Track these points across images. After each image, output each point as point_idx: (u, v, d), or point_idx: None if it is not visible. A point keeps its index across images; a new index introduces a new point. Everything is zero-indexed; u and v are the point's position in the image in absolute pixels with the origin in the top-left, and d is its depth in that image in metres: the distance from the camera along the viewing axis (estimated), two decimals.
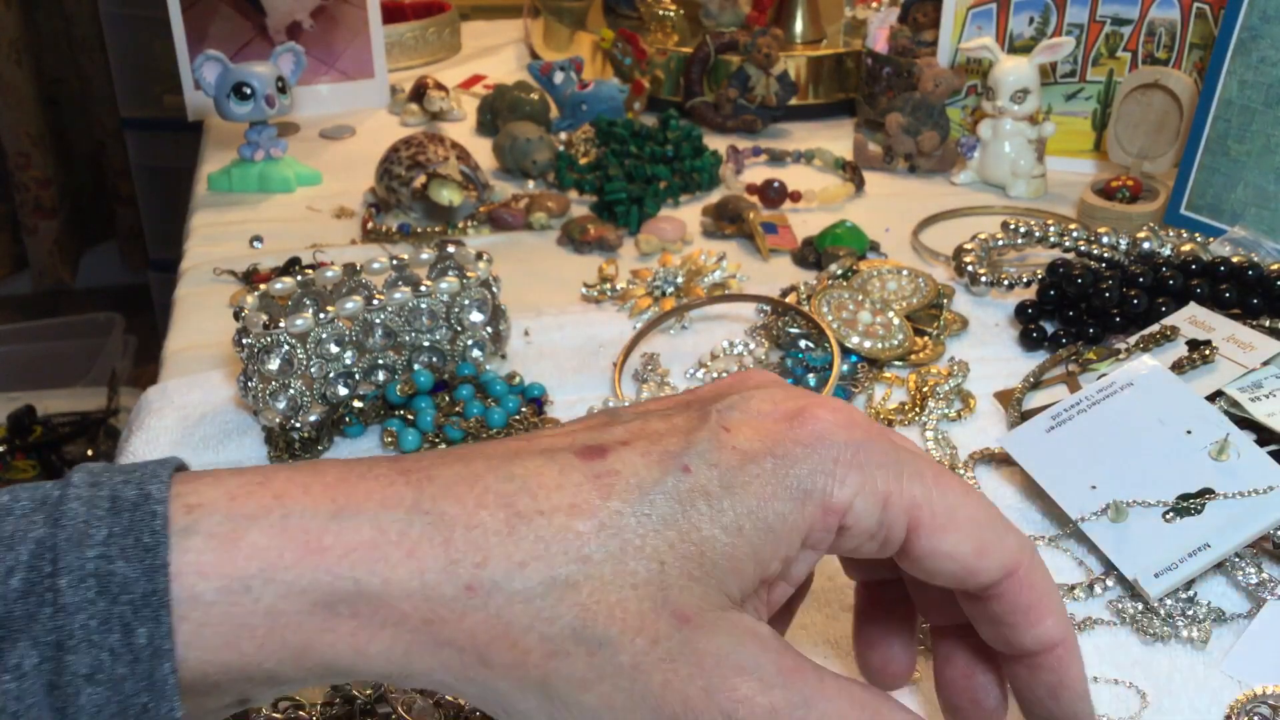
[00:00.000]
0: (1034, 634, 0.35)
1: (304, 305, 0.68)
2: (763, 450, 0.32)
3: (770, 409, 0.33)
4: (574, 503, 0.31)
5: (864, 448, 0.33)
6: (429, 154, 0.95)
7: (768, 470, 0.32)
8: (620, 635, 0.30)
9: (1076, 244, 0.81)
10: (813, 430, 0.33)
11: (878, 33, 1.15)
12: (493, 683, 0.31)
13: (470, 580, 0.30)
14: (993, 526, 0.34)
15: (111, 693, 0.28)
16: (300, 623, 0.30)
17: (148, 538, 0.29)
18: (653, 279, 0.82)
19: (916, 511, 0.33)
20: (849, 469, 0.32)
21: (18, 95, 2.51)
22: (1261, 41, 0.82)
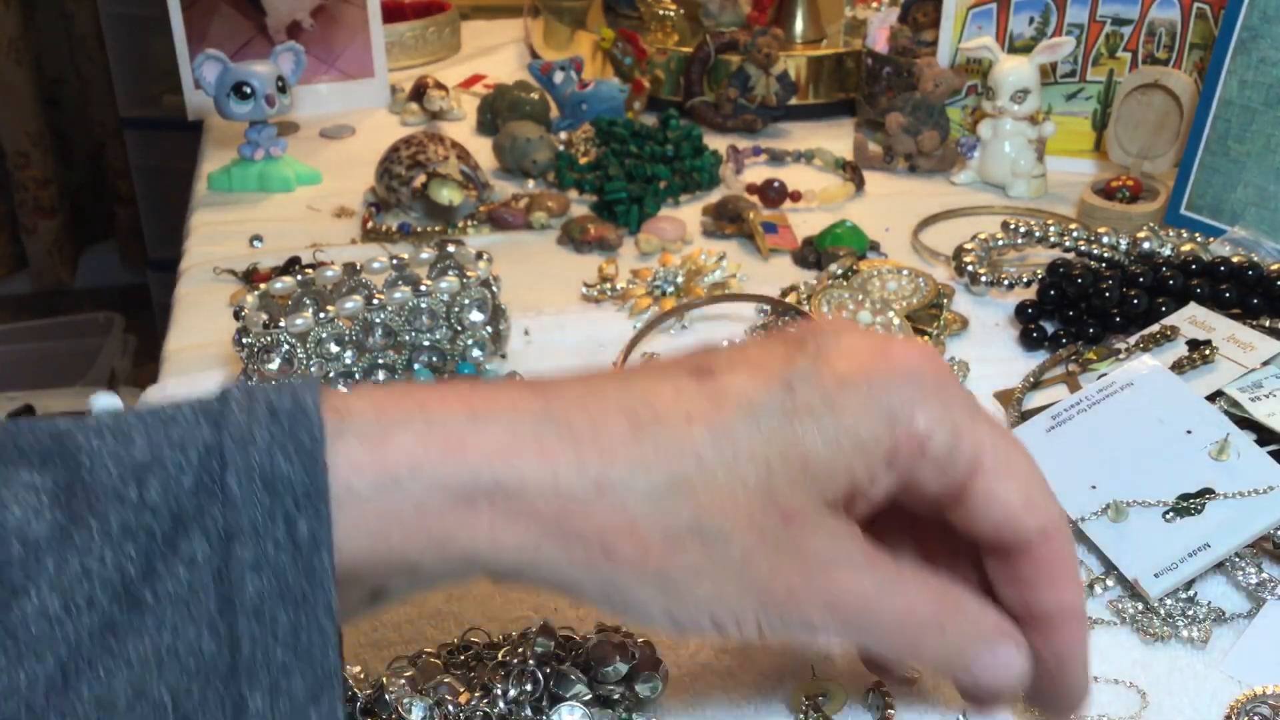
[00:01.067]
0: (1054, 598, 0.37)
1: (304, 305, 0.68)
2: (859, 376, 0.35)
3: (863, 343, 0.36)
4: (690, 413, 0.34)
5: (946, 386, 0.36)
6: (429, 153, 0.95)
7: (864, 393, 0.35)
8: (732, 529, 0.34)
9: (1076, 244, 0.81)
10: (904, 362, 0.36)
11: (878, 33, 1.15)
12: (614, 574, 0.34)
13: (598, 478, 0.33)
14: (1041, 487, 0.37)
15: (274, 581, 0.30)
16: (443, 514, 0.32)
17: (306, 440, 0.31)
18: (653, 279, 0.82)
19: (981, 452, 0.36)
20: (933, 400, 0.35)
21: (17, 95, 2.51)
22: (1261, 41, 0.82)
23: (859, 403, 0.35)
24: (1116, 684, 0.49)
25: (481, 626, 0.50)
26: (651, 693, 0.46)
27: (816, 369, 0.35)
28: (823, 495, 0.35)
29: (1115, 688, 0.49)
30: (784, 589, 0.34)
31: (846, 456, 0.35)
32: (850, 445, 0.35)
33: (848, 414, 0.35)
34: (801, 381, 0.35)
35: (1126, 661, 0.51)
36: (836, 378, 0.35)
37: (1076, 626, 0.38)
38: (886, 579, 0.36)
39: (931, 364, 0.36)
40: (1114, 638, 0.52)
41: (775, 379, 0.35)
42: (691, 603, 0.34)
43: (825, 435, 0.34)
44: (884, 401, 0.35)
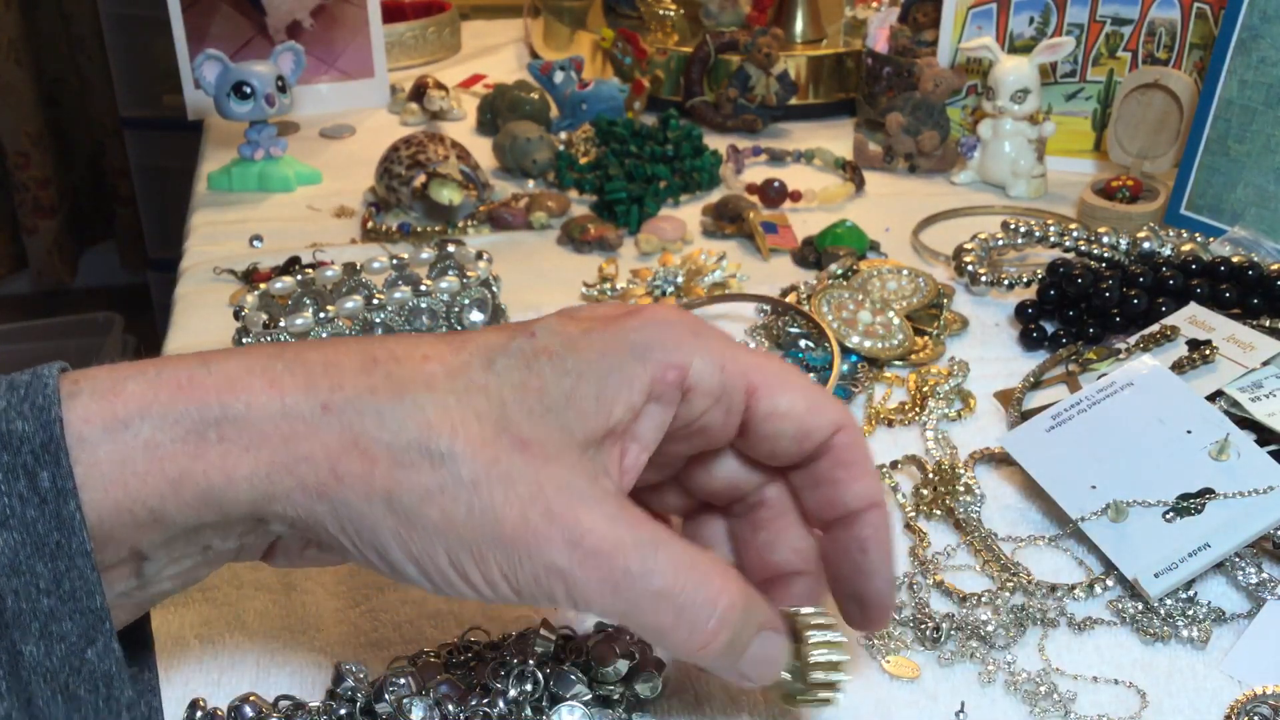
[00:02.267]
0: (857, 489, 0.39)
1: (304, 305, 0.68)
2: (602, 323, 0.36)
3: (606, 311, 0.37)
4: (426, 354, 0.35)
5: (696, 327, 0.37)
6: (429, 153, 0.95)
7: (608, 335, 0.36)
8: (462, 450, 0.34)
9: (1076, 244, 0.81)
10: (648, 314, 0.37)
11: (878, 32, 1.15)
12: (344, 497, 0.34)
13: (326, 401, 0.34)
14: (819, 390, 0.39)
15: (25, 534, 0.31)
16: (175, 451, 0.33)
17: (41, 401, 0.33)
18: (653, 279, 0.82)
19: (750, 375, 0.37)
20: (684, 336, 0.36)
21: (17, 95, 2.51)
22: (1261, 41, 0.82)
23: (603, 341, 0.36)
24: (1116, 684, 0.49)
25: (481, 626, 0.50)
26: (651, 693, 0.46)
27: (560, 321, 0.37)
28: (566, 428, 0.35)
29: (1115, 688, 0.49)
30: (519, 521, 0.34)
31: (591, 386, 0.35)
32: (594, 375, 0.35)
33: (591, 351, 0.35)
34: (543, 330, 0.36)
35: (1126, 661, 0.51)
36: (580, 325, 0.36)
37: (879, 516, 0.40)
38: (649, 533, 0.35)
39: (676, 313, 0.37)
40: (1114, 638, 0.52)
41: (518, 331, 0.36)
42: (422, 530, 0.34)
43: (564, 369, 0.35)
44: (633, 339, 0.36)
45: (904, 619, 0.53)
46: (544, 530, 0.33)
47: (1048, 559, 0.57)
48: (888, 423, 0.68)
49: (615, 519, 0.34)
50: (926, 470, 0.62)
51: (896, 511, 0.61)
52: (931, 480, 0.61)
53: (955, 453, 0.65)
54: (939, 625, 0.51)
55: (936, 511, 0.60)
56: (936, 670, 0.50)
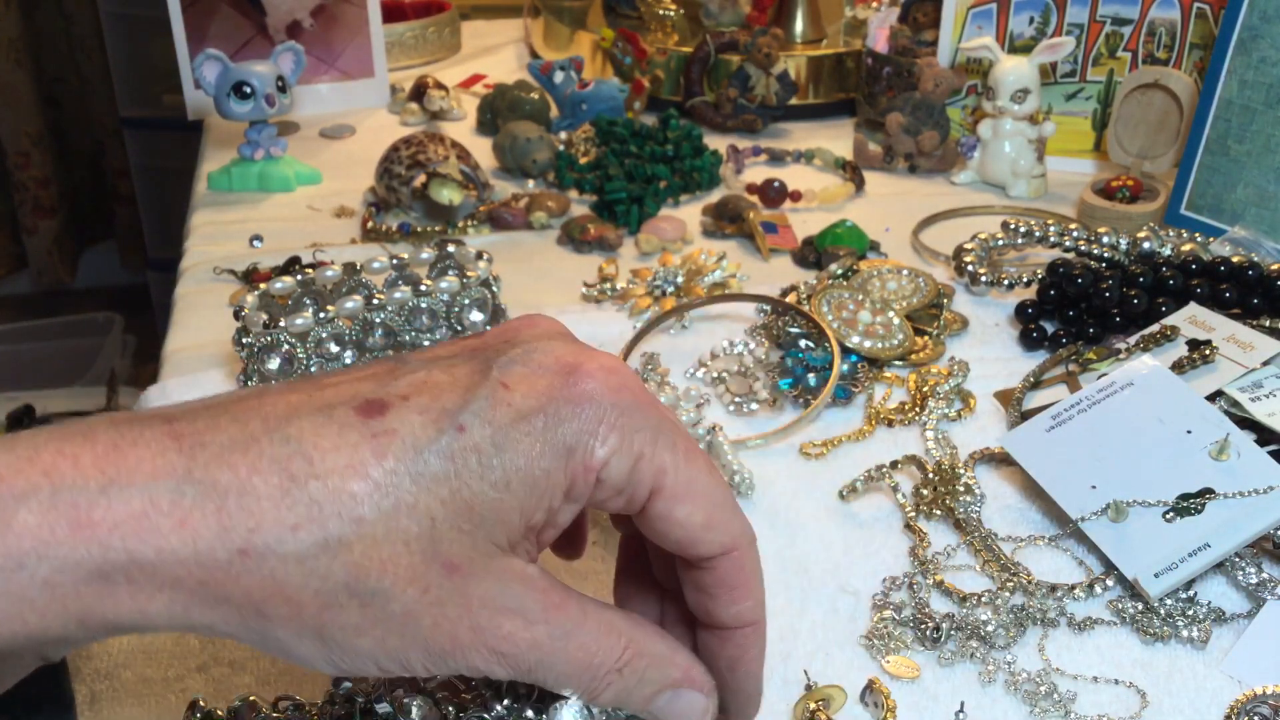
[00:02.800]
0: (733, 610, 0.38)
1: (304, 305, 0.68)
2: (535, 408, 0.34)
3: (550, 363, 0.35)
4: (350, 464, 0.32)
5: (628, 411, 0.35)
6: (429, 153, 0.95)
7: (538, 429, 0.34)
8: (392, 586, 0.33)
9: (1076, 244, 0.81)
10: (584, 390, 0.35)
11: (878, 32, 1.15)
12: (271, 631, 0.33)
13: (243, 545, 0.31)
14: (724, 507, 0.37)
15: None
16: (78, 593, 0.31)
17: None
18: (653, 279, 0.82)
19: (661, 477, 0.36)
20: (611, 430, 0.35)
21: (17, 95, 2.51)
22: (1261, 41, 0.82)
23: (532, 439, 0.34)
24: (1116, 684, 0.49)
25: None
26: None
27: (493, 401, 0.34)
28: (493, 540, 0.34)
29: (1115, 688, 0.49)
30: (447, 640, 0.34)
31: (517, 498, 0.34)
32: (521, 486, 0.34)
33: (520, 454, 0.34)
34: (473, 418, 0.34)
35: (1126, 661, 0.51)
36: (512, 413, 0.34)
37: (753, 638, 0.39)
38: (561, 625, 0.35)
39: (616, 386, 0.35)
40: (1114, 638, 0.52)
41: (446, 416, 0.33)
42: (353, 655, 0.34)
43: (494, 479, 0.33)
44: (560, 436, 0.34)
45: (904, 619, 0.53)
46: (469, 642, 0.34)
47: (1048, 559, 0.57)
48: (888, 423, 0.68)
49: (533, 620, 0.35)
50: (926, 470, 0.62)
51: (896, 512, 0.61)
52: (931, 480, 0.61)
53: (955, 453, 0.65)
54: (939, 625, 0.51)
55: (936, 511, 0.60)
56: (936, 670, 0.50)
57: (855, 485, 0.61)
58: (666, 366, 0.73)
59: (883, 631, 0.52)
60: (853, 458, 0.65)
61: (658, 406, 0.37)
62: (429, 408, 0.34)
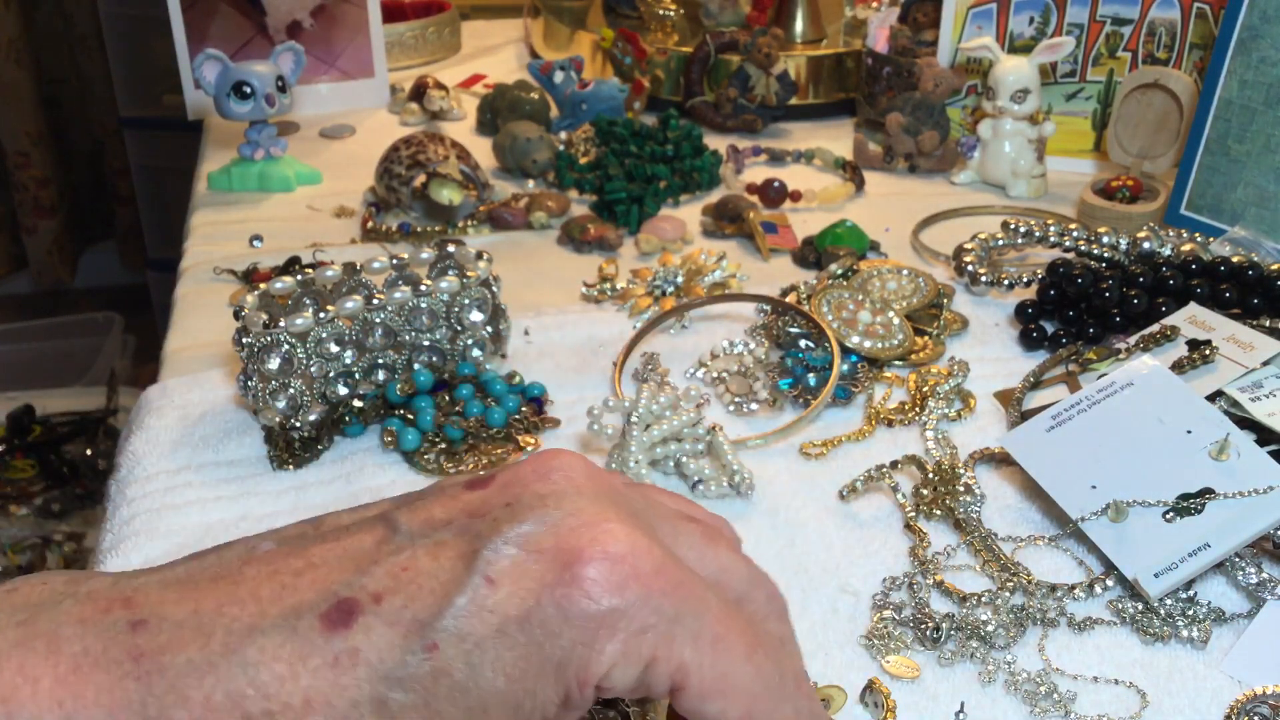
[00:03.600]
0: None
1: (304, 304, 0.68)
2: (520, 615, 0.30)
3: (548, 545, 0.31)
4: (308, 699, 0.30)
5: (632, 611, 0.31)
6: (429, 153, 0.95)
7: (522, 644, 0.30)
8: None
9: (1076, 244, 0.81)
10: (579, 591, 0.30)
11: (878, 32, 1.15)
12: None
13: None
14: (770, 696, 0.33)
15: None
16: None
17: None
18: (653, 279, 0.82)
19: (683, 676, 0.32)
20: (611, 637, 0.31)
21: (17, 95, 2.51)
22: (1261, 41, 0.82)
23: (515, 657, 0.30)
24: (1116, 684, 0.49)
25: None
26: None
27: (473, 606, 0.30)
28: None
29: (1115, 688, 0.49)
30: None
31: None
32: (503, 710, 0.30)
33: (499, 674, 0.30)
34: (447, 634, 0.30)
35: (1126, 661, 0.51)
36: (494, 622, 0.30)
37: None
38: None
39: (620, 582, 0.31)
40: (1114, 638, 0.52)
41: (418, 631, 0.30)
42: None
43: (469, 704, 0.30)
44: (549, 652, 0.30)
45: (904, 619, 0.53)
46: None
47: (1048, 559, 0.57)
48: (888, 423, 0.68)
49: None
50: (926, 470, 0.62)
51: (896, 512, 0.61)
52: (931, 480, 0.61)
53: (955, 453, 0.65)
54: (939, 625, 0.51)
55: (936, 511, 0.60)
56: (936, 670, 0.50)
57: (855, 485, 0.61)
58: (666, 366, 0.73)
59: (883, 631, 0.52)
60: (853, 458, 0.65)
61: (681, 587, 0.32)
62: (399, 617, 0.30)
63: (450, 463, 0.65)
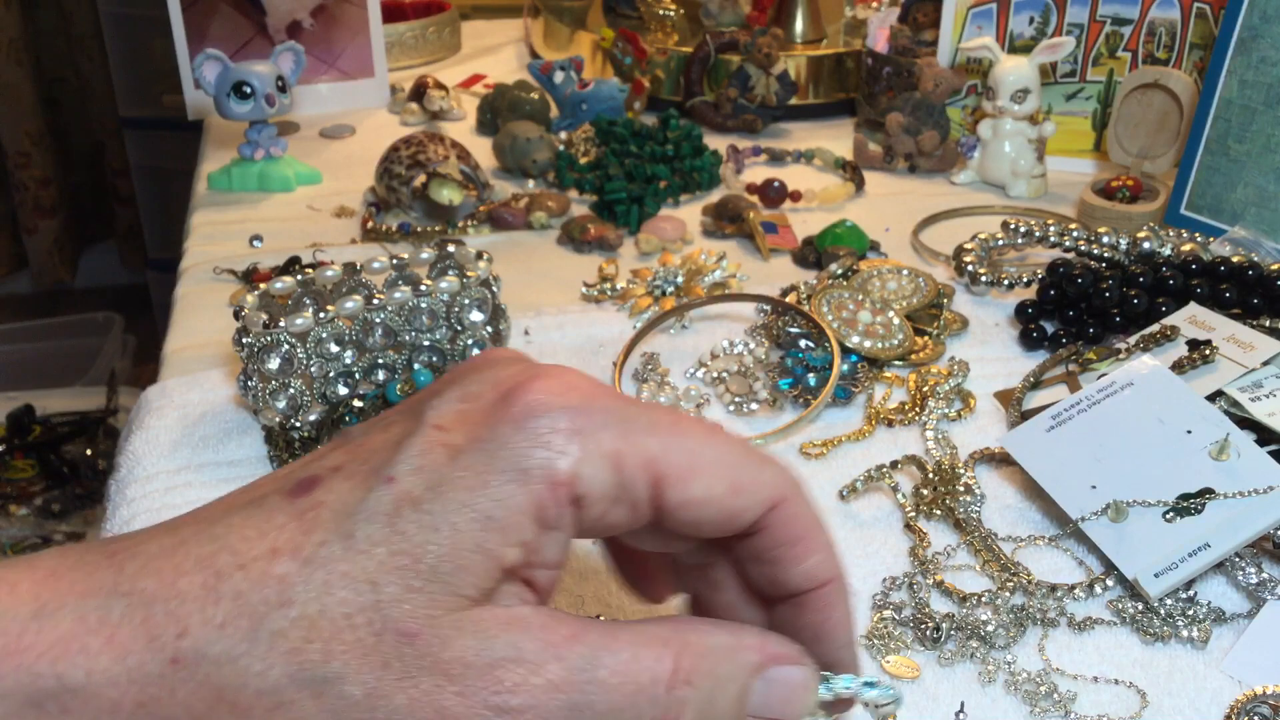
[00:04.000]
0: (801, 569, 0.34)
1: (304, 304, 0.68)
2: (471, 440, 0.30)
3: (486, 391, 0.32)
4: (274, 547, 0.30)
5: (583, 412, 0.31)
6: (429, 153, 0.95)
7: (478, 460, 0.30)
8: (344, 669, 0.29)
9: (1076, 244, 0.81)
10: (523, 406, 0.31)
11: (878, 32, 1.15)
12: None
13: (173, 653, 0.29)
14: (745, 462, 0.33)
15: None
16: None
17: None
18: (653, 279, 0.82)
19: (655, 465, 0.31)
20: (568, 437, 0.30)
21: (17, 95, 2.51)
22: (1261, 41, 0.82)
23: (473, 472, 0.30)
24: (1116, 684, 0.49)
25: None
26: None
27: (425, 446, 0.30)
28: (455, 592, 0.30)
29: (1115, 688, 0.49)
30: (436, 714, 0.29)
31: (471, 538, 0.30)
32: (471, 524, 0.30)
33: (460, 488, 0.30)
34: (404, 467, 0.30)
35: (1126, 661, 0.51)
36: (447, 450, 0.30)
37: (831, 595, 0.34)
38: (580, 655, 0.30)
39: (559, 393, 0.31)
40: (1114, 638, 0.52)
41: (374, 475, 0.30)
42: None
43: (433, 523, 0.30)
44: (502, 459, 0.30)
45: (904, 619, 0.53)
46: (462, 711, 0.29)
47: (1048, 559, 0.57)
48: (888, 423, 0.68)
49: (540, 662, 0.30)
50: (926, 470, 0.62)
51: (896, 511, 0.61)
52: (931, 480, 0.61)
53: (955, 453, 0.65)
54: (939, 625, 0.51)
55: (936, 511, 0.60)
56: (936, 670, 0.50)
57: (855, 485, 0.61)
58: (666, 366, 0.73)
59: (883, 631, 0.52)
60: (853, 458, 0.65)
61: (620, 398, 0.32)
62: (357, 471, 0.31)
63: None
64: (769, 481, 0.33)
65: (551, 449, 0.30)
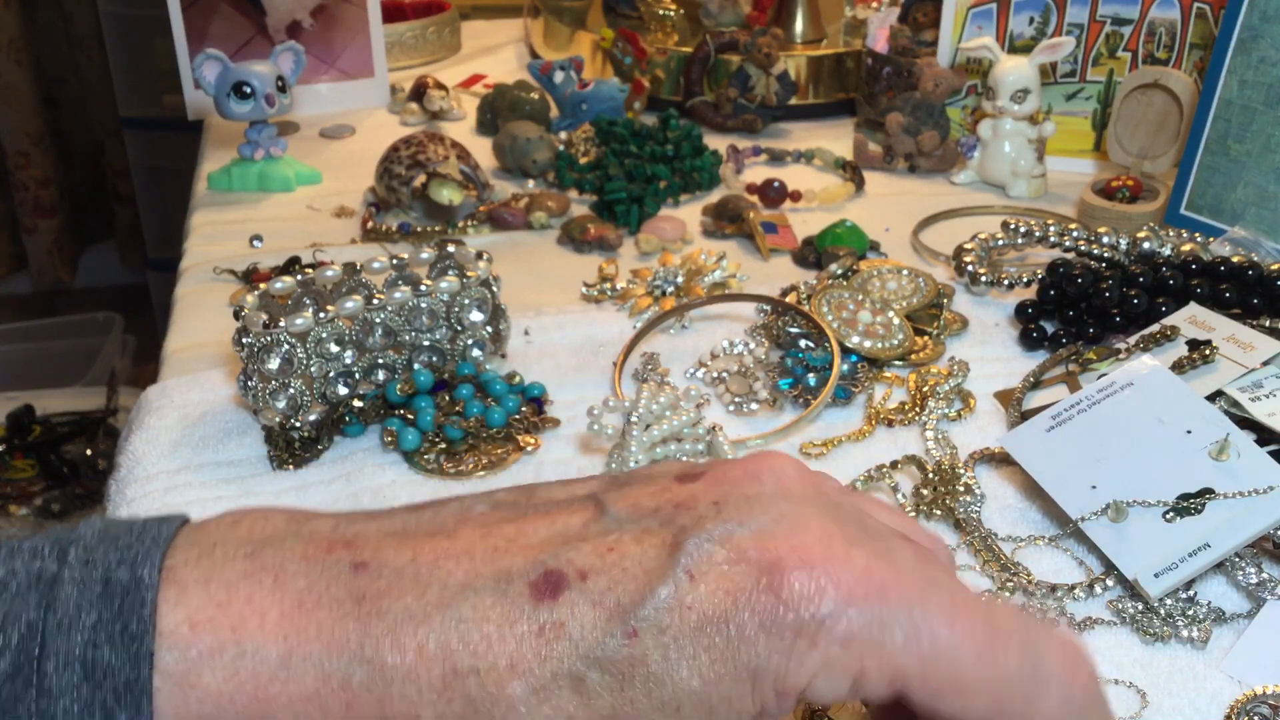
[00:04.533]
0: None
1: (304, 304, 0.68)
2: (720, 615, 0.30)
3: (751, 550, 0.31)
4: (511, 663, 0.30)
5: (831, 621, 0.30)
6: (429, 153, 0.95)
7: (719, 646, 0.30)
8: None
9: (1076, 244, 0.81)
10: (776, 602, 0.30)
11: (878, 32, 1.15)
12: None
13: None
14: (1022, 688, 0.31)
15: None
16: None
17: (135, 625, 0.30)
18: (653, 278, 0.82)
19: (904, 681, 0.30)
20: (810, 649, 0.30)
21: (18, 95, 2.51)
22: (1261, 41, 0.82)
23: (710, 657, 0.30)
24: (1116, 684, 0.49)
25: None
26: None
27: (674, 600, 0.30)
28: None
29: (1115, 688, 0.49)
30: None
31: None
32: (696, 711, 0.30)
33: (694, 674, 0.30)
34: (648, 622, 0.30)
35: (1126, 661, 0.51)
36: (694, 615, 0.30)
37: None
38: None
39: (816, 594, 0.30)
40: (1114, 638, 0.52)
41: (620, 615, 0.30)
42: None
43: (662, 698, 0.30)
44: (744, 655, 0.30)
45: None
46: None
47: (1048, 559, 0.57)
48: (888, 423, 0.68)
49: None
50: (926, 470, 0.62)
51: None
52: (931, 480, 0.61)
53: (955, 453, 0.65)
54: None
55: (936, 511, 0.60)
56: None
57: (855, 485, 0.61)
58: (666, 366, 0.73)
59: None
60: (853, 458, 0.65)
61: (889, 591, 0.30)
62: (604, 599, 0.30)
63: (450, 463, 0.65)
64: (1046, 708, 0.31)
65: (791, 660, 0.30)
